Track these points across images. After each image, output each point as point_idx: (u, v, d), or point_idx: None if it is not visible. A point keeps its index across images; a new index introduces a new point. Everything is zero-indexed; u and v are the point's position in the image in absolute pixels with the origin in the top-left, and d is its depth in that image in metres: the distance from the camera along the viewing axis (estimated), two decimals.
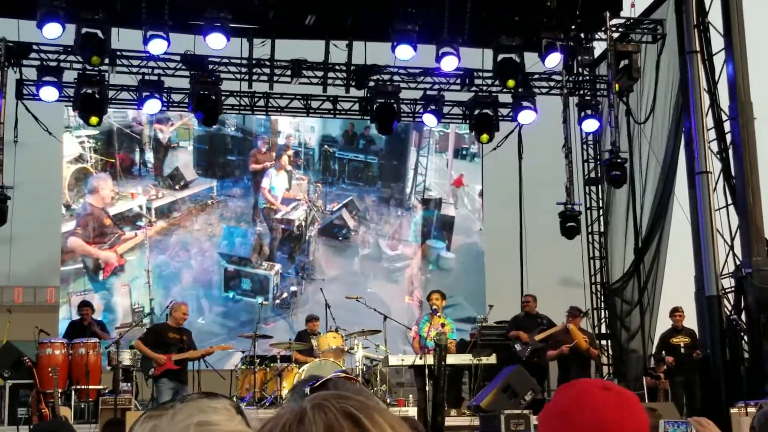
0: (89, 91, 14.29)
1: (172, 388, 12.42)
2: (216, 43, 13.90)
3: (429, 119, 16.34)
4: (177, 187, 18.67)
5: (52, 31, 13.12)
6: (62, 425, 5.49)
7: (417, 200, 19.53)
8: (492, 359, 13.00)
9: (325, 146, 19.57)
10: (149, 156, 18.58)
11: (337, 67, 16.11)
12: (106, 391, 12.68)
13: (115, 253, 17.81)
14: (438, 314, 12.91)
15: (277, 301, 18.45)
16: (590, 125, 16.12)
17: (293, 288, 18.62)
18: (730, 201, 14.34)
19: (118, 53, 14.97)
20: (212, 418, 1.53)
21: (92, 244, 17.63)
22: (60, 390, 11.42)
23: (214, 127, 16.70)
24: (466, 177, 19.74)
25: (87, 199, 17.78)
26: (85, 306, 14.22)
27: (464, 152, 19.97)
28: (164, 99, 15.67)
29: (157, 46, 13.73)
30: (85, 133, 17.79)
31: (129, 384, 12.86)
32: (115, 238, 17.91)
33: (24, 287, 17.41)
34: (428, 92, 16.43)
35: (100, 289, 17.62)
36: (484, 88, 16.43)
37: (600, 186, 17.79)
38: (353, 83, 16.22)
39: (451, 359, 12.61)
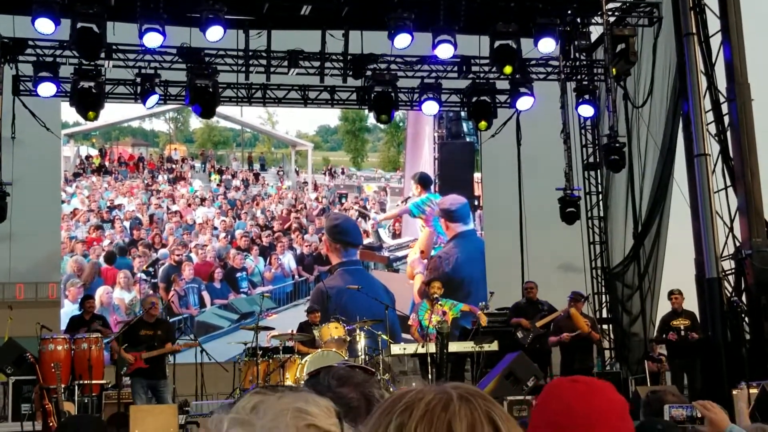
0: (86, 85, 14.25)
1: (145, 386, 12.32)
2: (212, 35, 13.85)
3: (429, 107, 16.27)
4: (176, 180, 18.70)
5: (46, 26, 13.09)
6: (91, 420, 5.43)
7: (415, 188, 19.53)
8: (494, 346, 13.03)
9: (323, 137, 19.60)
10: (149, 151, 18.61)
11: (333, 57, 16.07)
12: (109, 385, 12.69)
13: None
14: (439, 302, 12.94)
15: (279, 292, 18.47)
16: (588, 110, 16.09)
17: (294, 279, 18.63)
18: (729, 183, 14.33)
19: (114, 47, 14.94)
20: (311, 410, 1.61)
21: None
22: (63, 385, 11.42)
23: (213, 119, 16.71)
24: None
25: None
26: (87, 300, 14.22)
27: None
28: (161, 92, 15.65)
29: (153, 40, 13.69)
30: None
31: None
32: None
33: (25, 283, 17.39)
34: (425, 80, 16.40)
35: (101, 283, 17.66)
36: (481, 75, 16.40)
37: (599, 171, 17.78)
38: (350, 73, 16.18)
39: (454, 347, 12.64)
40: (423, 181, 19.54)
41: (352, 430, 1.68)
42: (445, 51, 14.59)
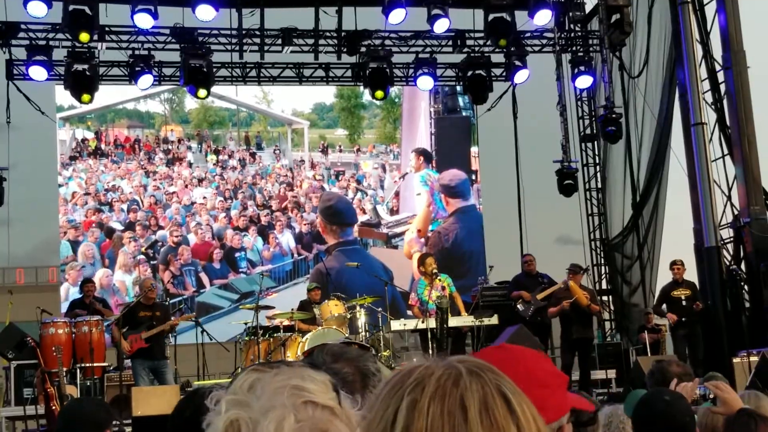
0: (80, 68, 14.20)
1: (147, 367, 12.31)
2: (205, 14, 13.80)
3: (424, 82, 16.22)
4: (173, 161, 18.68)
5: (38, 9, 13.03)
6: (95, 403, 5.37)
7: (416, 159, 19.49)
8: (494, 320, 13.04)
9: (318, 115, 19.55)
10: (145, 132, 18.58)
11: (327, 34, 16.00)
12: (111, 368, 12.70)
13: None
14: (438, 277, 12.93)
15: (279, 270, 18.48)
16: (584, 81, 16.06)
17: (293, 257, 18.63)
18: (726, 151, 14.31)
19: (107, 29, 14.87)
20: (308, 386, 1.60)
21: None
22: (65, 368, 11.44)
23: (208, 99, 16.67)
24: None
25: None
26: (87, 283, 14.22)
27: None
28: (155, 73, 15.60)
29: (145, 20, 13.63)
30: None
31: None
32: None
33: (25, 268, 17.41)
34: (420, 55, 16.35)
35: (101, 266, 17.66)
36: (476, 48, 16.34)
37: (596, 142, 17.76)
38: (345, 49, 16.11)
39: (454, 321, 12.65)
40: (424, 153, 19.52)
41: (350, 399, 1.67)
42: (441, 25, 14.55)
